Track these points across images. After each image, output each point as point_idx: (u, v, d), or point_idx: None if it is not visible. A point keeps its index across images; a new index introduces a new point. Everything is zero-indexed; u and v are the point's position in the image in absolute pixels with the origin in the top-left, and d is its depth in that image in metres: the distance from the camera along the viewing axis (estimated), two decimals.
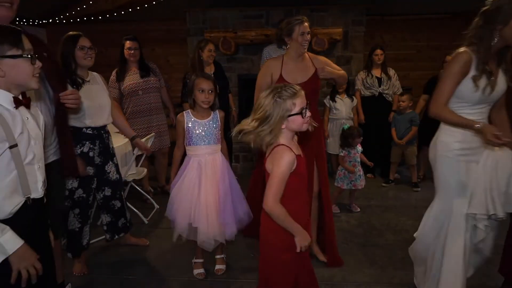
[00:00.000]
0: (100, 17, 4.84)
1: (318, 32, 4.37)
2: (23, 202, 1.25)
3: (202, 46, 3.56)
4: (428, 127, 3.95)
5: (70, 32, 2.37)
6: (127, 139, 3.30)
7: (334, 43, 4.56)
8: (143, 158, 3.40)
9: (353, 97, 4.25)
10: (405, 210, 3.45)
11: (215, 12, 4.68)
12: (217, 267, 2.45)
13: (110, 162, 2.53)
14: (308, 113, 1.50)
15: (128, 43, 3.42)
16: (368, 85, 4.23)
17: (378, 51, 4.19)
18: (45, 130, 1.42)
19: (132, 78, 3.48)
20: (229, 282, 2.36)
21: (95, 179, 2.46)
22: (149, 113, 3.58)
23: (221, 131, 2.32)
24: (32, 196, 1.28)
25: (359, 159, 3.38)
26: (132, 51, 3.42)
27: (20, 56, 1.22)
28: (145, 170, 3.49)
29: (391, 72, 4.28)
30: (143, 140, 3.13)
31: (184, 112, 2.28)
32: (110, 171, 2.53)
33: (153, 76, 3.59)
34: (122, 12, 4.67)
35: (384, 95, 4.23)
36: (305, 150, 1.68)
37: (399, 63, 5.17)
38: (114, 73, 3.51)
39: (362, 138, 3.39)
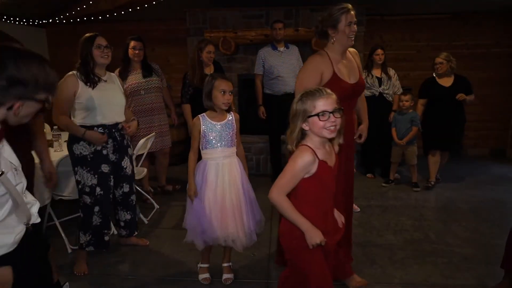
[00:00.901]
0: (100, 17, 4.84)
1: None
2: (24, 229, 1.18)
3: (201, 47, 3.56)
4: (434, 132, 3.96)
5: (88, 34, 2.43)
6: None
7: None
8: (143, 158, 3.40)
9: None
10: (405, 210, 3.45)
11: (215, 12, 4.69)
12: (225, 276, 2.36)
13: (126, 158, 2.58)
14: (333, 118, 1.45)
15: (133, 43, 3.44)
16: (368, 85, 4.23)
17: (379, 51, 4.18)
18: None
19: (135, 77, 3.50)
20: (231, 283, 2.36)
21: (112, 176, 2.50)
22: (151, 113, 3.58)
23: (238, 134, 2.27)
24: (31, 222, 1.22)
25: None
26: (137, 51, 3.45)
27: (41, 102, 1.12)
28: (145, 170, 3.49)
29: (391, 72, 4.28)
30: (143, 140, 3.13)
31: (199, 115, 2.20)
32: (126, 167, 2.59)
33: (156, 76, 3.60)
34: (122, 12, 4.67)
35: (384, 95, 4.23)
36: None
37: (399, 63, 5.18)
38: (116, 72, 3.50)
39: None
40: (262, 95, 4.19)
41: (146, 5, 4.44)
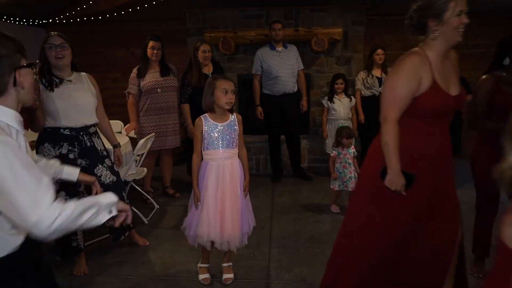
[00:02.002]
0: (100, 17, 4.84)
1: (318, 32, 4.38)
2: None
3: (197, 47, 3.64)
4: (455, 135, 3.87)
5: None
6: (127, 139, 3.31)
7: (334, 43, 4.56)
8: (143, 158, 3.40)
9: (352, 97, 4.24)
10: None
11: (215, 12, 4.68)
12: (225, 276, 2.35)
13: (100, 165, 2.42)
14: None
15: (151, 43, 3.49)
16: (368, 85, 4.23)
17: (379, 51, 4.18)
18: None
19: (153, 76, 3.53)
20: (232, 282, 2.36)
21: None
22: (166, 111, 3.62)
23: (241, 135, 2.25)
24: None
25: (350, 161, 3.37)
26: (155, 51, 3.50)
27: (29, 67, 1.14)
28: (145, 170, 3.49)
29: None
30: (143, 140, 3.13)
31: (201, 116, 2.18)
32: (102, 175, 2.42)
33: (172, 76, 3.64)
34: (122, 12, 4.67)
35: None
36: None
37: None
38: (135, 70, 3.56)
39: (352, 139, 3.37)
40: (260, 95, 4.19)
41: (146, 5, 4.44)
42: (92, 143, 2.43)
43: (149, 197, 3.63)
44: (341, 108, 4.16)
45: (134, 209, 3.21)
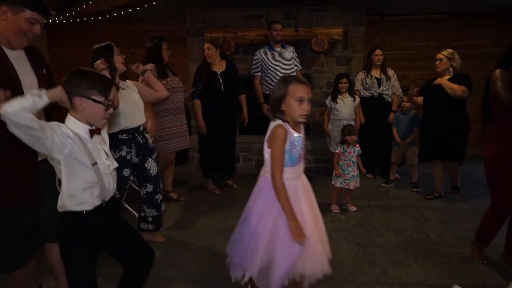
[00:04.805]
0: (100, 17, 4.84)
1: (318, 32, 4.38)
2: (99, 203, 1.55)
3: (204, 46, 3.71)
4: (429, 138, 3.60)
5: (98, 45, 2.49)
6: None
7: (334, 43, 4.57)
8: None
9: (355, 96, 4.21)
10: (405, 210, 3.46)
11: (215, 12, 4.69)
12: None
13: (150, 159, 2.65)
14: None
15: (166, 44, 3.51)
16: (367, 86, 4.23)
17: (378, 52, 4.18)
18: None
19: (170, 75, 3.54)
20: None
21: (133, 179, 2.63)
22: (181, 111, 3.64)
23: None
24: (107, 199, 1.58)
25: (354, 159, 3.38)
26: (169, 52, 3.56)
27: (100, 103, 1.49)
28: None
29: (391, 72, 4.27)
30: None
31: (282, 123, 1.75)
32: (150, 167, 2.65)
33: (178, 77, 3.68)
34: (122, 12, 4.67)
35: (384, 96, 4.23)
36: None
37: (399, 63, 5.18)
38: (153, 68, 3.42)
39: (355, 137, 3.38)
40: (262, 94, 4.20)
41: (146, 5, 4.44)
42: (144, 139, 2.64)
43: (174, 197, 3.74)
44: (344, 108, 4.15)
45: (133, 210, 3.22)
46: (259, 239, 1.77)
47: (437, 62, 3.50)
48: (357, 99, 4.20)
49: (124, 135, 2.51)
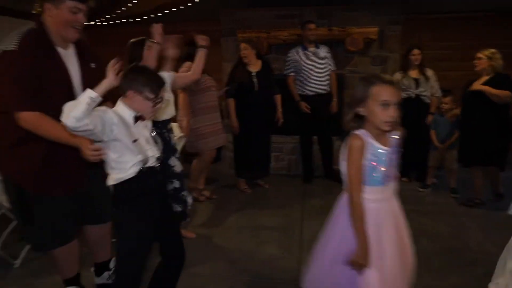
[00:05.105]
0: (137, 19, 5.00)
1: (352, 32, 4.30)
2: (140, 168, 1.64)
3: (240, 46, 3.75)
4: (468, 142, 3.46)
5: (134, 39, 2.55)
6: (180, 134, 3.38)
7: (369, 42, 4.46)
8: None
9: None
10: (442, 217, 3.32)
11: (249, 13, 4.71)
12: None
13: (173, 157, 2.66)
14: None
15: None
16: (404, 87, 4.09)
17: (415, 51, 4.03)
18: None
19: (205, 75, 3.49)
20: (260, 281, 2.35)
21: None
22: (217, 109, 3.66)
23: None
24: (147, 165, 1.67)
25: None
26: None
27: (150, 100, 1.61)
28: None
29: (430, 72, 4.10)
30: (176, 138, 3.18)
31: (360, 132, 1.48)
32: (175, 165, 2.66)
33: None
34: (159, 14, 4.79)
35: (422, 97, 4.07)
36: None
37: (437, 63, 4.97)
38: (191, 65, 3.45)
39: None
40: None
41: (182, 7, 4.54)
42: (169, 138, 2.66)
43: (206, 195, 3.76)
44: None
45: None
46: (338, 272, 1.55)
47: (475, 61, 3.40)
48: None
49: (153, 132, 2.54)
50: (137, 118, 1.64)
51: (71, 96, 1.69)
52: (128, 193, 1.62)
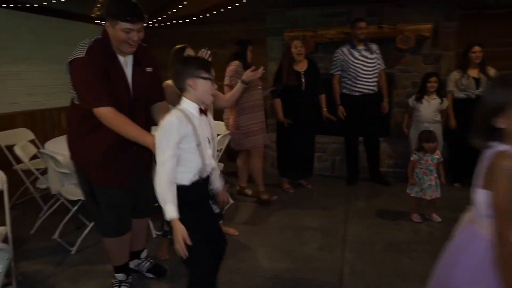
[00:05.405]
0: (187, 20, 5.17)
1: (404, 29, 4.13)
2: (197, 179, 1.72)
3: (289, 44, 3.72)
4: None
5: (178, 45, 2.65)
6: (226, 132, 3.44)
7: (421, 40, 4.26)
8: (220, 154, 3.53)
9: (444, 98, 3.86)
10: None
11: (295, 12, 4.69)
12: None
13: None
14: None
15: (251, 46, 3.55)
16: (463, 87, 3.84)
17: (476, 48, 3.76)
18: None
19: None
20: (302, 283, 2.34)
21: None
22: (262, 108, 3.66)
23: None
24: (204, 176, 1.75)
25: (432, 168, 3.09)
26: (253, 55, 3.58)
27: (208, 79, 1.68)
28: (222, 165, 3.61)
29: (491, 71, 3.81)
30: (220, 137, 3.23)
31: (506, 149, 1.14)
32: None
33: None
34: (208, 15, 4.92)
35: None
36: None
37: (497, 62, 4.62)
38: (239, 64, 3.46)
39: (434, 144, 3.08)
40: (340, 95, 4.10)
41: (229, 7, 4.62)
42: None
43: (249, 193, 3.79)
44: (427, 110, 3.85)
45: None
46: None
47: None
48: (445, 102, 3.85)
49: None
50: (201, 110, 1.71)
51: (129, 97, 1.95)
52: (183, 198, 1.66)
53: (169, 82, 2.50)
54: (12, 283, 2.10)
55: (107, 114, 1.84)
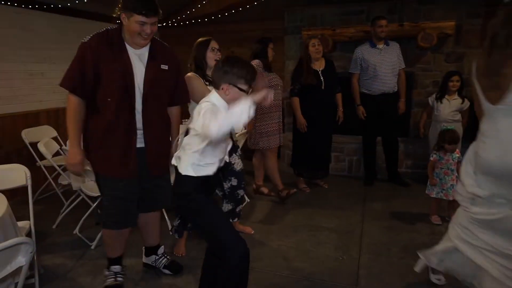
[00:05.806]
0: (206, 19, 5.20)
1: (426, 27, 4.04)
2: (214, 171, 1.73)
3: (307, 42, 3.69)
4: None
5: (201, 38, 2.65)
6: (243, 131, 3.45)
7: (443, 38, 4.16)
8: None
9: (466, 98, 3.76)
10: None
11: (314, 10, 4.66)
12: None
13: (234, 154, 2.68)
14: None
15: (272, 44, 3.52)
16: None
17: None
18: None
19: (271, 73, 3.54)
20: (318, 283, 2.34)
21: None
22: (280, 108, 3.66)
23: None
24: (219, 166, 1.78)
25: (453, 167, 3.02)
26: (274, 53, 3.56)
27: (244, 91, 1.64)
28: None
29: None
30: (238, 135, 3.26)
31: None
32: (235, 163, 2.68)
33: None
34: (226, 14, 4.94)
35: None
36: None
37: None
38: (259, 63, 3.42)
39: (456, 145, 3.00)
40: (359, 94, 4.05)
41: (248, 6, 4.63)
42: (230, 135, 2.73)
43: (265, 192, 3.76)
44: (446, 109, 3.76)
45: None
46: None
47: None
48: (467, 102, 3.74)
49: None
50: None
51: (130, 89, 1.96)
52: (206, 185, 1.72)
53: (190, 74, 2.49)
54: (35, 276, 2.17)
55: (69, 99, 1.97)
